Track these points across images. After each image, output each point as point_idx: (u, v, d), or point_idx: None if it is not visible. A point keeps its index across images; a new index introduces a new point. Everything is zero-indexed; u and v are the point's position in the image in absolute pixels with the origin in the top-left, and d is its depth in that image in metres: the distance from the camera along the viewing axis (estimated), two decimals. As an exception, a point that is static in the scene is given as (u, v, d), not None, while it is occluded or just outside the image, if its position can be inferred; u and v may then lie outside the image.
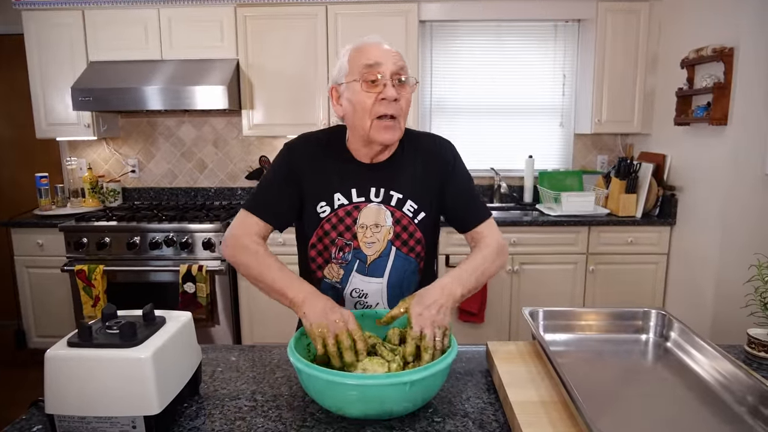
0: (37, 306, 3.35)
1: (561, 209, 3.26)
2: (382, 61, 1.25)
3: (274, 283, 1.21)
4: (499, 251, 1.33)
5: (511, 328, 3.28)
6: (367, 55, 1.26)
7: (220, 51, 3.34)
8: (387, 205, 1.37)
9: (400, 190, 1.37)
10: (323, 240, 1.39)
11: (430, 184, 1.39)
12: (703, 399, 1.07)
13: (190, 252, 3.11)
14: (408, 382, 0.94)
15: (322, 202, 1.37)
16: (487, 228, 1.40)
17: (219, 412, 1.07)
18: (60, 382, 0.92)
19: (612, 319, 1.38)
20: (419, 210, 1.38)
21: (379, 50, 1.26)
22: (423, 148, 1.41)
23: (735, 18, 2.58)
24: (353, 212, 1.36)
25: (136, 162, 3.85)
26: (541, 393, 1.05)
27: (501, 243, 1.36)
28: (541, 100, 3.76)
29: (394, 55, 1.27)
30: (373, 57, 1.25)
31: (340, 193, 1.36)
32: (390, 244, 1.37)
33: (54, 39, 3.34)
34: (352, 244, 1.37)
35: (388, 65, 1.25)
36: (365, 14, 3.29)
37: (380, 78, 1.25)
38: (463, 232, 1.43)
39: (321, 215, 1.37)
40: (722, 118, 2.62)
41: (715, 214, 2.74)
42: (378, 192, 1.37)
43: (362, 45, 1.29)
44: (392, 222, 1.37)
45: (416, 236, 1.39)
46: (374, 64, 1.25)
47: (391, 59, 1.26)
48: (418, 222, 1.38)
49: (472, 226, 1.40)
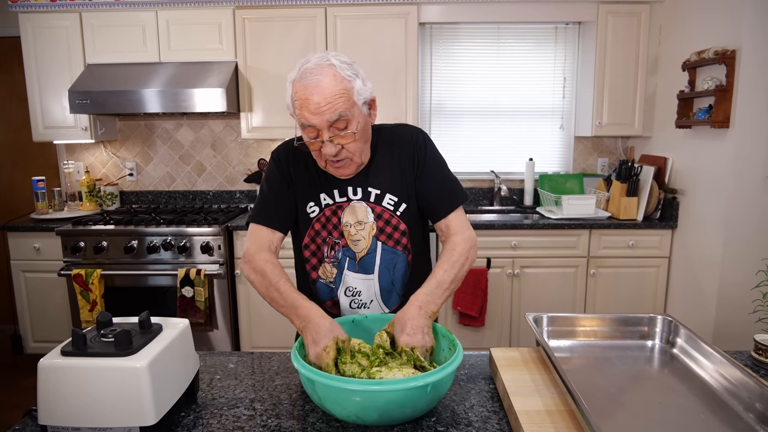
0: (34, 311, 3.32)
1: (561, 212, 3.24)
2: (315, 122, 1.21)
3: (279, 308, 1.25)
4: (467, 250, 1.32)
5: (512, 332, 3.26)
6: (301, 112, 1.22)
7: (218, 53, 3.32)
8: (367, 202, 1.39)
9: (376, 186, 1.39)
10: (315, 240, 1.43)
11: (407, 174, 1.40)
12: (711, 406, 1.05)
13: (188, 256, 3.09)
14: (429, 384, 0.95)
15: (311, 203, 1.41)
16: (455, 222, 1.38)
17: (217, 422, 1.05)
18: (53, 392, 0.90)
19: (617, 324, 1.36)
20: (400, 202, 1.40)
21: (314, 105, 1.20)
22: (396, 140, 1.42)
23: (737, 20, 2.56)
24: (338, 211, 1.40)
25: (133, 165, 3.83)
26: (546, 401, 1.03)
27: (468, 238, 1.35)
28: (542, 102, 3.74)
29: (328, 106, 1.20)
30: (307, 116, 1.22)
31: (325, 194, 1.40)
32: (375, 239, 1.40)
33: (51, 41, 3.32)
34: (341, 243, 1.40)
35: (323, 121, 1.21)
36: (364, 16, 3.28)
37: (318, 138, 1.25)
38: (434, 221, 1.42)
39: (311, 215, 1.41)
40: (724, 121, 2.61)
41: (717, 217, 2.72)
42: (356, 190, 1.39)
43: (299, 89, 1.22)
44: (374, 217, 1.39)
45: (400, 228, 1.41)
46: (309, 126, 1.23)
47: (327, 113, 1.20)
48: (400, 214, 1.40)
49: (441, 216, 1.39)
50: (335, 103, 1.20)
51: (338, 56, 1.26)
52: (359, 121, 1.26)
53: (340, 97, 1.21)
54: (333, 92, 1.20)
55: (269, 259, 1.32)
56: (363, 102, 1.27)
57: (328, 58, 1.24)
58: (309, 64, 1.23)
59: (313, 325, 1.13)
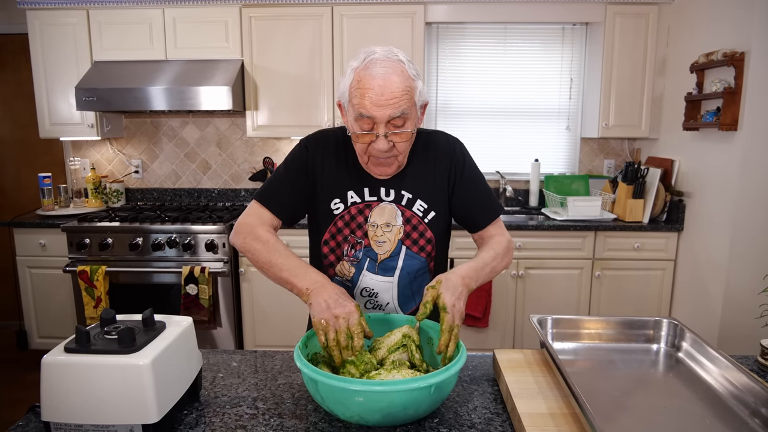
0: (39, 307, 3.33)
1: (567, 214, 3.23)
2: (376, 114, 1.18)
3: (281, 272, 1.21)
4: (507, 250, 1.34)
5: (516, 333, 3.25)
6: (362, 101, 1.18)
7: (224, 52, 3.33)
8: (398, 205, 1.37)
9: (410, 190, 1.37)
10: (336, 237, 1.40)
11: (440, 184, 1.38)
12: (716, 411, 1.04)
13: (192, 253, 3.09)
14: (433, 385, 0.95)
15: (336, 199, 1.38)
16: (496, 228, 1.40)
17: (219, 420, 1.05)
18: (56, 389, 0.90)
19: (622, 327, 1.35)
20: (429, 209, 1.38)
21: (377, 96, 1.17)
22: (433, 147, 1.40)
23: (746, 22, 2.55)
24: (365, 210, 1.37)
25: (139, 162, 3.84)
26: (550, 404, 1.02)
27: (509, 242, 1.37)
28: (548, 103, 3.73)
29: (393, 100, 1.17)
30: (368, 107, 1.18)
31: (353, 191, 1.37)
32: (400, 243, 1.38)
33: (58, 38, 3.33)
34: (363, 243, 1.38)
35: (383, 115, 1.18)
36: (371, 15, 3.27)
37: (373, 130, 1.21)
38: (473, 232, 1.42)
39: (335, 212, 1.38)
40: (732, 124, 2.59)
41: (724, 220, 2.70)
42: (388, 191, 1.37)
43: (364, 77, 1.19)
44: (402, 221, 1.37)
45: (426, 235, 1.39)
46: (368, 117, 1.19)
47: (390, 108, 1.18)
48: (428, 221, 1.38)
49: (481, 227, 1.40)
50: (400, 98, 1.18)
51: (403, 53, 1.24)
52: (415, 121, 1.25)
53: (405, 94, 1.19)
54: (400, 88, 1.18)
55: (271, 231, 1.30)
56: (420, 104, 1.26)
57: (395, 52, 1.22)
58: (376, 55, 1.20)
59: (332, 287, 1.13)
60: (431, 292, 1.13)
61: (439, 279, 1.15)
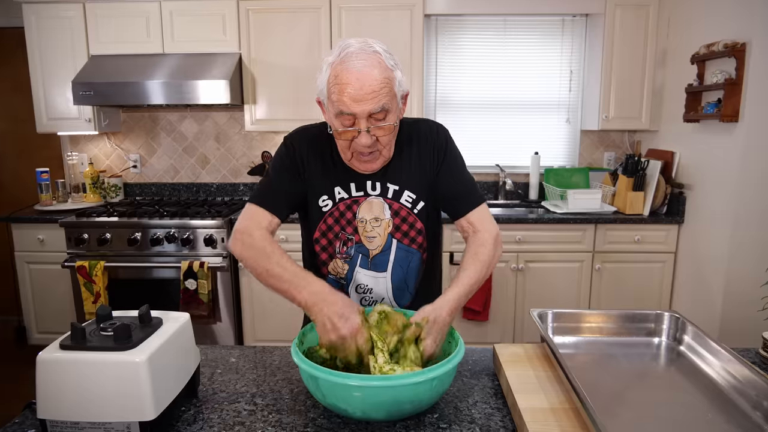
0: (38, 302, 3.33)
1: (567, 207, 3.21)
2: (356, 110, 1.15)
3: (280, 284, 1.16)
4: (494, 246, 1.29)
5: (516, 327, 3.24)
6: (340, 98, 1.15)
7: (222, 45, 3.30)
8: (385, 198, 1.35)
9: (395, 182, 1.34)
10: (327, 235, 1.38)
11: (426, 172, 1.35)
12: (718, 404, 1.04)
13: (191, 248, 3.08)
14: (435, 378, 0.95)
15: (324, 196, 1.36)
16: (480, 217, 1.33)
17: (217, 417, 1.04)
18: (52, 386, 0.89)
19: (623, 321, 1.34)
20: (418, 199, 1.36)
21: (356, 92, 1.13)
22: (416, 136, 1.37)
23: (748, 13, 2.52)
24: (353, 206, 1.35)
25: (137, 157, 3.82)
26: (551, 399, 1.02)
27: (496, 236, 1.31)
28: (548, 95, 3.70)
29: (373, 94, 1.14)
30: (347, 103, 1.14)
31: (340, 187, 1.35)
32: (390, 236, 1.36)
33: (55, 32, 3.31)
34: (354, 239, 1.36)
35: (364, 110, 1.15)
36: (369, 8, 3.25)
37: (354, 126, 1.18)
38: (455, 218, 1.37)
39: (324, 209, 1.36)
40: (733, 115, 2.57)
41: (725, 212, 2.69)
42: (374, 185, 1.35)
43: (341, 72, 1.15)
44: (391, 214, 1.35)
45: (417, 226, 1.37)
46: (347, 114, 1.16)
47: (370, 102, 1.14)
48: (417, 212, 1.36)
49: (462, 213, 1.34)
50: (380, 92, 1.14)
51: (379, 43, 1.20)
52: (397, 113, 1.22)
53: (385, 86, 1.15)
54: (378, 80, 1.14)
55: (269, 237, 1.26)
56: (401, 94, 1.23)
57: (371, 44, 1.18)
58: (352, 48, 1.16)
59: (333, 298, 1.09)
60: (414, 330, 1.09)
61: (426, 317, 1.10)
